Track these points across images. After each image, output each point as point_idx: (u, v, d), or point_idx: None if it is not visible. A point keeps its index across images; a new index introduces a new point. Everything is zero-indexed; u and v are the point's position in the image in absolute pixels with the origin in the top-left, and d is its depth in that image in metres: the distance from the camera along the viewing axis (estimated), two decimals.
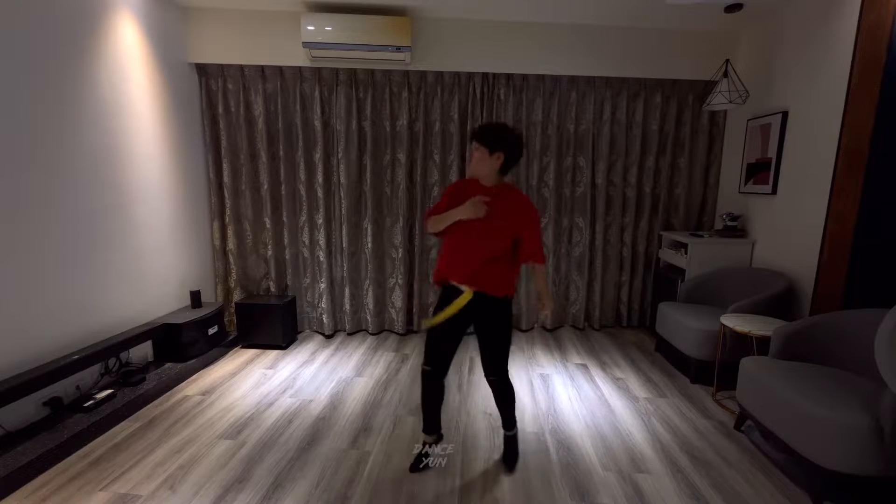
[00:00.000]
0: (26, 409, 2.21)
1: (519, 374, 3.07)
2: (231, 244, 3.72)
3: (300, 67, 3.50)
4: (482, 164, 1.83)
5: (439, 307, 1.94)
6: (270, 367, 3.18)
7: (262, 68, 3.50)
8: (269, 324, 3.46)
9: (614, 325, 4.08)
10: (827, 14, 2.75)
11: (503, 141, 1.81)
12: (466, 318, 1.92)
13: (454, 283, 1.90)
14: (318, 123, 3.58)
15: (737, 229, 3.46)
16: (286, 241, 3.75)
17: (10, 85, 2.13)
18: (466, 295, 1.86)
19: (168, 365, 2.98)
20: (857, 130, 2.52)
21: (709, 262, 3.37)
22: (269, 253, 3.75)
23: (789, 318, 2.86)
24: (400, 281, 3.82)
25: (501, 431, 2.23)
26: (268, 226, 3.70)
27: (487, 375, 2.03)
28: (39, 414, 2.27)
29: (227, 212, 3.68)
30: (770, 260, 3.20)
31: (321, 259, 3.76)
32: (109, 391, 2.52)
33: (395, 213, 3.74)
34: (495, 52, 3.51)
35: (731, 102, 3.16)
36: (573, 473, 2.05)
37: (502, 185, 1.90)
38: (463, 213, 1.80)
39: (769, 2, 3.05)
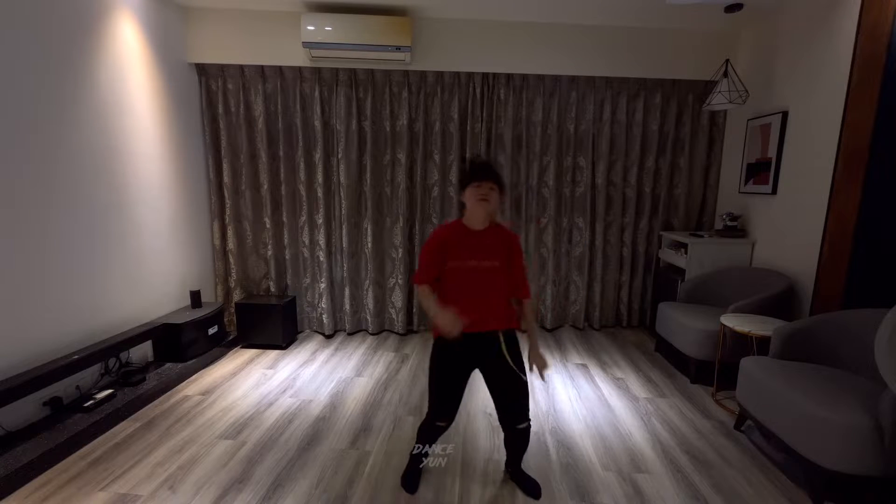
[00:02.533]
0: (26, 409, 2.21)
1: None
2: (231, 244, 3.72)
3: (300, 67, 3.50)
4: (494, 204, 1.72)
5: (453, 362, 1.80)
6: (270, 367, 3.18)
7: (262, 68, 3.50)
8: (269, 324, 3.46)
9: (614, 325, 4.08)
10: (827, 14, 2.75)
11: (504, 185, 1.78)
12: (471, 363, 1.82)
13: (475, 332, 1.73)
14: (318, 123, 3.58)
15: (737, 229, 3.46)
16: (286, 241, 3.75)
17: (10, 85, 2.13)
18: (501, 339, 1.77)
19: (168, 365, 2.98)
20: (857, 130, 2.52)
21: (709, 262, 3.37)
22: (269, 253, 3.75)
23: (789, 318, 2.86)
24: (400, 281, 3.82)
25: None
26: (268, 226, 3.70)
27: (517, 424, 1.83)
28: (39, 414, 2.27)
29: (227, 212, 3.68)
30: (770, 260, 3.20)
31: (321, 259, 3.76)
32: (109, 391, 2.52)
33: (395, 213, 3.74)
34: (495, 52, 3.51)
35: (731, 102, 3.16)
36: (573, 473, 2.05)
37: (492, 224, 1.79)
38: (440, 320, 1.62)
39: (769, 2, 3.05)
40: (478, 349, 1.78)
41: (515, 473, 2.00)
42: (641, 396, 2.79)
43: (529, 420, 1.86)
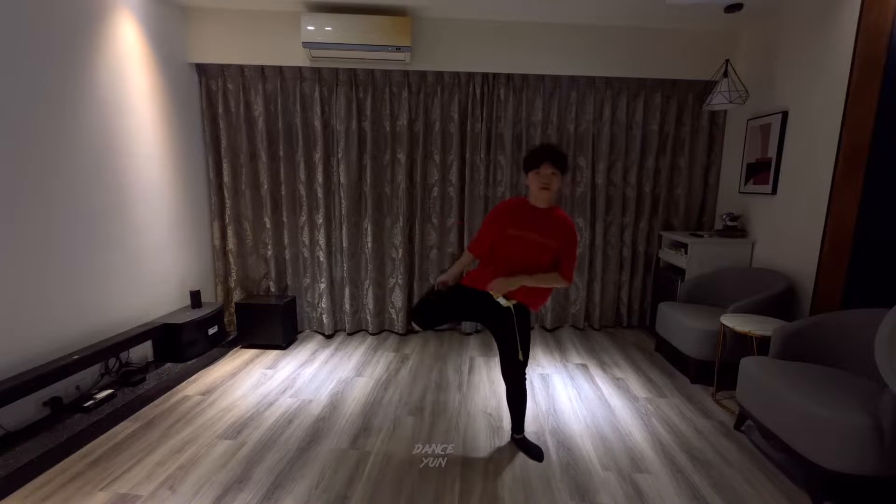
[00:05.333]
0: (26, 409, 2.21)
1: None
2: (231, 244, 3.72)
3: (300, 67, 3.50)
4: (555, 188, 1.89)
5: (460, 296, 2.04)
6: (270, 367, 3.18)
7: (262, 68, 3.50)
8: (269, 324, 3.46)
9: (614, 325, 4.08)
10: (827, 14, 2.75)
11: (568, 164, 1.93)
12: (471, 307, 2.04)
13: (493, 294, 1.97)
14: (318, 123, 3.58)
15: (737, 229, 3.46)
16: (286, 241, 3.75)
17: (10, 85, 2.13)
18: (508, 305, 1.96)
19: (168, 365, 2.98)
20: (857, 130, 2.52)
21: (709, 262, 3.37)
22: (269, 253, 3.75)
23: (789, 318, 2.86)
24: (400, 281, 3.82)
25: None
26: (268, 226, 3.70)
27: (513, 375, 2.11)
28: (39, 414, 2.27)
29: (227, 212, 3.68)
30: (770, 260, 3.20)
31: (321, 259, 3.76)
32: (109, 391, 2.52)
33: (395, 213, 3.74)
34: (495, 52, 3.51)
35: (731, 102, 3.16)
36: (573, 473, 2.05)
37: (554, 206, 1.98)
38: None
39: (769, 2, 3.05)
40: (484, 303, 1.98)
41: (518, 440, 2.21)
42: (641, 396, 2.79)
43: (524, 376, 2.09)
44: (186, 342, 3.03)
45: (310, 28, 3.16)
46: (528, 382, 2.93)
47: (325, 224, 3.71)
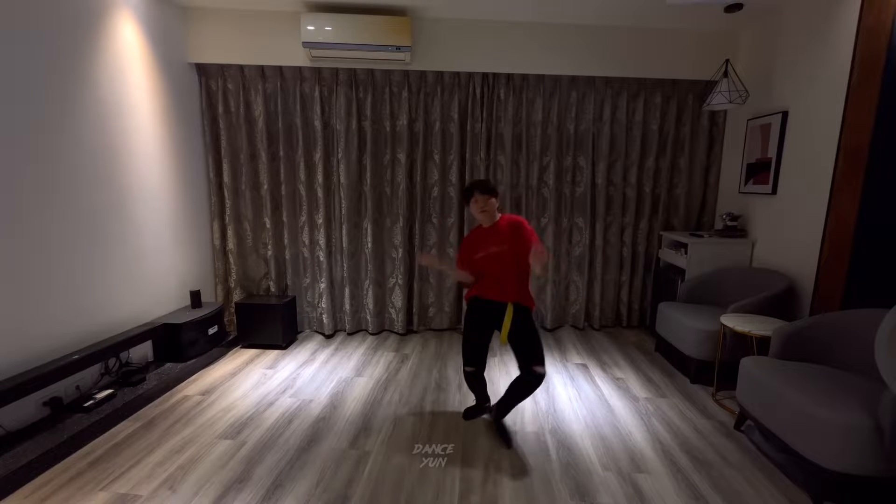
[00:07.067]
0: (26, 409, 2.21)
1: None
2: (231, 244, 3.72)
3: (300, 67, 3.50)
4: (492, 210, 2.25)
5: (479, 319, 2.32)
6: (270, 367, 3.18)
7: (262, 68, 3.50)
8: (269, 324, 3.46)
9: (614, 325, 4.08)
10: (827, 14, 2.75)
11: (495, 187, 2.30)
12: (491, 324, 2.30)
13: (494, 299, 2.26)
14: (318, 123, 3.58)
15: (737, 229, 3.46)
16: (286, 241, 3.75)
17: (10, 85, 2.13)
18: (510, 309, 2.22)
19: (168, 365, 2.98)
20: (857, 130, 2.52)
21: (709, 262, 3.37)
22: (269, 253, 3.75)
23: (789, 318, 2.86)
24: (400, 281, 3.82)
25: (503, 434, 2.25)
26: (268, 226, 3.70)
27: (533, 366, 2.23)
28: (39, 414, 2.27)
29: (227, 212, 3.68)
30: (770, 260, 3.20)
31: (321, 259, 3.76)
32: (109, 391, 2.52)
33: (395, 213, 3.74)
34: (495, 52, 3.51)
35: (731, 102, 3.16)
36: (573, 473, 2.05)
37: (500, 217, 2.30)
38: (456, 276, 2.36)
39: (769, 2, 3.05)
40: (495, 314, 2.25)
41: (497, 423, 2.38)
42: (641, 396, 2.79)
43: (545, 369, 2.22)
44: (186, 342, 3.03)
45: (310, 28, 3.16)
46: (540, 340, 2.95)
47: (325, 224, 3.71)
